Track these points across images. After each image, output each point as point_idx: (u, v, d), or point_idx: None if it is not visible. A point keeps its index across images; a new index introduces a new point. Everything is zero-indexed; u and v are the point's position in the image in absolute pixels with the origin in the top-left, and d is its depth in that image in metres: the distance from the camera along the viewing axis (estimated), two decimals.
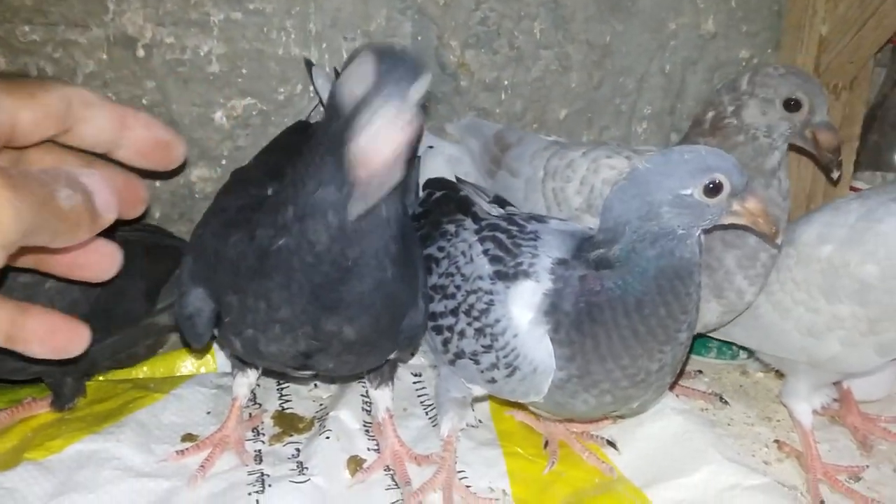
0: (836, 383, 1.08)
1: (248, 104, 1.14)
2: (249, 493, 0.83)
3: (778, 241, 0.84)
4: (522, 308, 0.79)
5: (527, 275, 0.80)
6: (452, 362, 0.87)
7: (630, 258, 0.75)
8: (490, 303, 0.81)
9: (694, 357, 1.24)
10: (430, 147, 1.17)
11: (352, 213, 0.62)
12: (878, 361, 0.94)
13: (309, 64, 1.14)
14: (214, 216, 0.85)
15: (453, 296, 0.86)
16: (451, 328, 0.86)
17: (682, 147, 0.78)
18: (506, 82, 1.22)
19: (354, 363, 0.85)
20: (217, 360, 1.11)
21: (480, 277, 0.83)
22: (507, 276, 0.81)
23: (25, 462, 0.84)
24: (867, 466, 1.00)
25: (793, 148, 0.99)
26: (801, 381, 1.01)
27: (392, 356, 0.90)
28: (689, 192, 0.73)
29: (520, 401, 0.85)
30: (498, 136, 1.13)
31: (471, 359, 0.84)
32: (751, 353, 1.19)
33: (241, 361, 0.94)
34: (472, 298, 0.83)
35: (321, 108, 1.12)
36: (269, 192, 0.83)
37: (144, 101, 1.10)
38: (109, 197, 0.48)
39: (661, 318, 0.75)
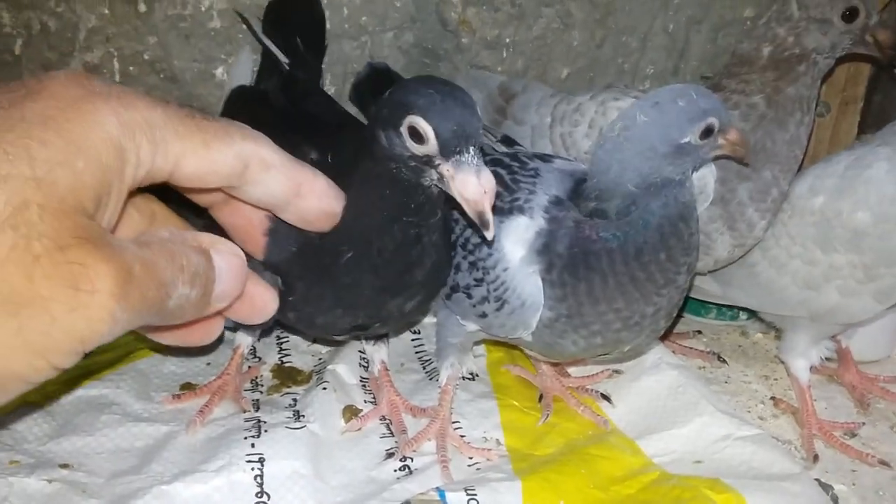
0: (836, 342, 1.08)
1: (241, 55, 1.13)
2: (245, 437, 0.83)
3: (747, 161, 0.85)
4: (515, 243, 0.79)
5: (521, 210, 0.80)
6: (448, 297, 0.87)
7: (630, 210, 0.75)
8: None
9: (693, 318, 1.24)
10: None
11: (489, 237, 0.66)
12: (877, 308, 0.94)
13: (247, 21, 1.10)
14: None
15: (452, 229, 0.86)
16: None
17: (670, 90, 0.77)
18: (507, 40, 1.21)
19: (404, 326, 0.93)
20: None
21: None
22: (502, 210, 0.81)
23: (26, 405, 0.86)
24: (863, 423, 1.00)
25: None
26: (799, 336, 1.01)
27: None
28: (687, 139, 0.73)
29: (509, 337, 0.85)
30: (503, 87, 1.12)
31: (464, 292, 0.84)
32: (751, 314, 1.19)
33: None
34: (468, 232, 0.83)
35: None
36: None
37: (146, 57, 1.11)
38: (232, 286, 0.42)
39: (660, 262, 0.75)
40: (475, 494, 0.76)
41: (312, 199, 0.44)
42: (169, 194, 0.43)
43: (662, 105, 0.74)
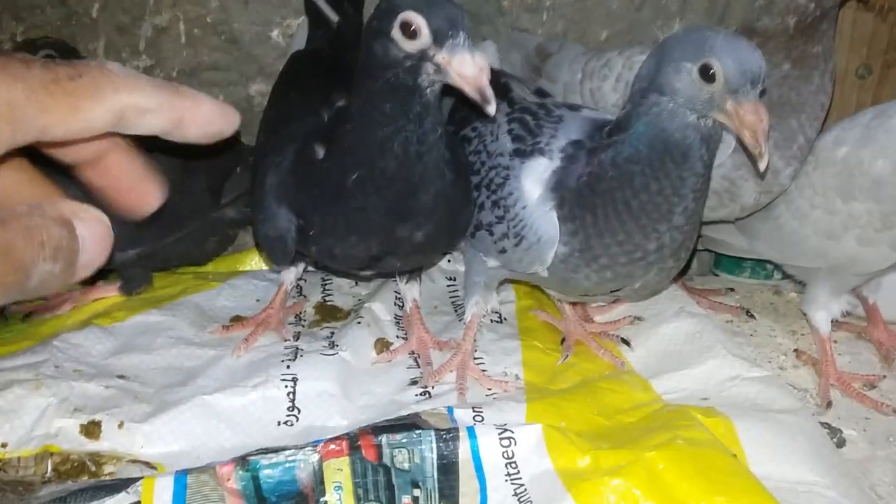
0: (864, 300, 1.09)
1: (301, 23, 1.21)
2: (282, 361, 0.92)
3: (761, 166, 0.77)
4: (534, 182, 0.85)
5: (542, 152, 0.86)
6: (472, 234, 0.94)
7: (631, 119, 0.79)
8: (506, 177, 0.88)
9: (727, 276, 1.27)
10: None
11: (490, 111, 0.72)
12: (894, 257, 0.95)
13: None
14: (286, 144, 0.91)
15: (478, 171, 0.93)
16: (473, 202, 0.93)
17: (720, 29, 0.79)
18: (548, 3, 1.25)
19: (417, 261, 0.97)
20: None
21: (501, 154, 0.90)
22: (524, 153, 0.87)
23: (93, 326, 0.97)
24: (884, 377, 1.02)
25: None
26: (820, 288, 1.03)
27: None
28: (688, 66, 0.75)
29: (527, 272, 0.90)
30: (539, 48, 1.17)
31: (486, 229, 0.91)
32: (786, 273, 1.21)
33: None
34: (492, 174, 0.90)
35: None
36: (325, 117, 0.92)
37: (209, 20, 1.20)
38: (97, 254, 0.40)
39: (651, 193, 0.78)
40: (481, 411, 0.82)
41: (194, 128, 0.44)
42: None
43: (700, 30, 0.79)
